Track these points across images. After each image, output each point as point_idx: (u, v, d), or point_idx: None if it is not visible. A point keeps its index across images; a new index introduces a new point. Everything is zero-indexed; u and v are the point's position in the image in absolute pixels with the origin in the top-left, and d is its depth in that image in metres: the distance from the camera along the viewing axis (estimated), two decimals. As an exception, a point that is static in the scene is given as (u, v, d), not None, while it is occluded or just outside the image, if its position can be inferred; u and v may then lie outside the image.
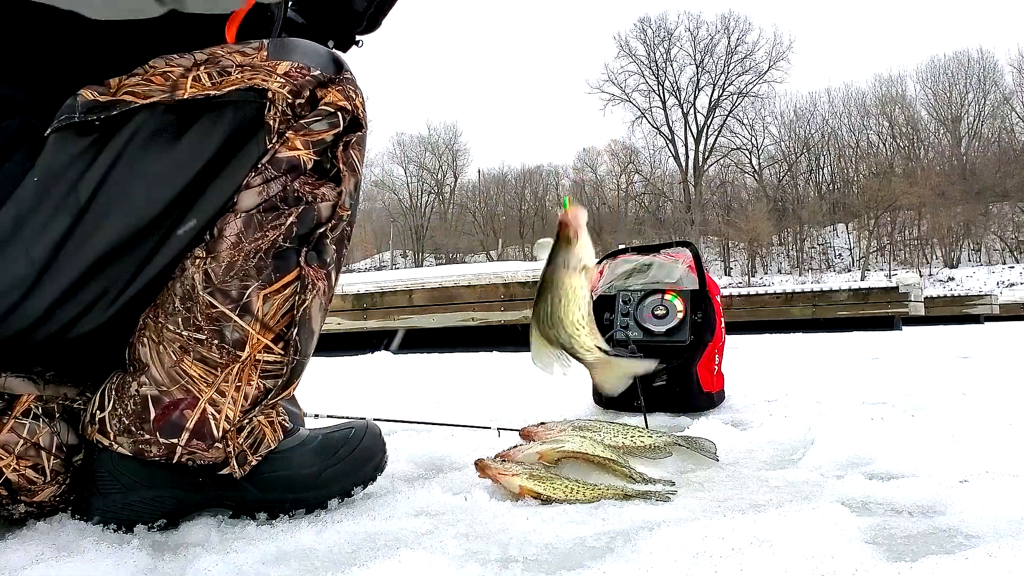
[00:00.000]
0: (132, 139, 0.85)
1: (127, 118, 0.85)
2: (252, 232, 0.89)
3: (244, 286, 0.89)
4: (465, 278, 6.50)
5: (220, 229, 0.89)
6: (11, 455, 0.88)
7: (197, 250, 0.89)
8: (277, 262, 0.90)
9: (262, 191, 0.89)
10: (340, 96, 0.94)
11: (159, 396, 0.90)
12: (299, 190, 0.91)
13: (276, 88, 0.90)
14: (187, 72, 0.88)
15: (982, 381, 2.26)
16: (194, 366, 0.90)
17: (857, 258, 45.21)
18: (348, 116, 0.94)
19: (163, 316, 0.90)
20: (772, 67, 48.57)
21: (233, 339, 0.90)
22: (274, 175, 0.90)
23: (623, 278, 1.88)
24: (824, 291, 10.81)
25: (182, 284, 0.89)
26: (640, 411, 1.57)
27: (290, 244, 0.91)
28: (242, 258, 0.89)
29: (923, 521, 0.85)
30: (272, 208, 0.89)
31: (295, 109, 0.91)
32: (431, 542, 0.83)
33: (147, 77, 0.87)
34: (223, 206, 0.89)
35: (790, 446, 1.31)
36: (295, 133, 0.91)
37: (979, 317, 14.36)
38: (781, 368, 3.10)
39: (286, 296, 0.91)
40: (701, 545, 0.74)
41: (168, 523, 0.94)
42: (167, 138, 0.86)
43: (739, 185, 50.61)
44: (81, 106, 0.84)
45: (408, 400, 2.34)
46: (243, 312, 0.89)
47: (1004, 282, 36.44)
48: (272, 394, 0.94)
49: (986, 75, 46.22)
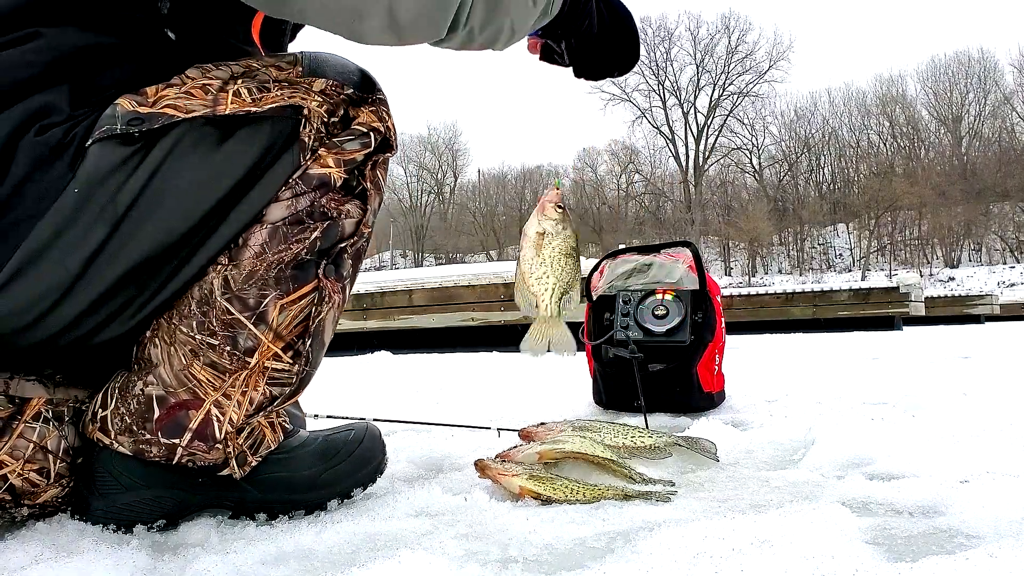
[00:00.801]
0: (172, 151, 0.85)
1: (167, 130, 0.85)
2: (276, 244, 0.89)
3: (262, 295, 0.89)
4: (465, 278, 6.51)
5: (245, 239, 0.89)
6: (19, 460, 0.88)
7: (222, 258, 0.90)
8: (296, 272, 0.90)
9: (291, 205, 0.90)
10: (373, 117, 0.95)
11: (165, 396, 0.90)
12: (326, 206, 0.91)
13: (313, 107, 0.90)
14: (225, 85, 0.88)
15: (983, 381, 2.26)
16: (203, 370, 0.90)
17: (858, 258, 45.22)
18: (379, 137, 0.95)
19: (177, 318, 0.90)
20: (772, 67, 48.65)
21: (245, 347, 0.90)
22: (304, 190, 0.90)
23: (623, 278, 1.88)
24: (824, 291, 10.82)
25: (200, 288, 0.89)
26: (640, 411, 1.57)
27: (311, 257, 0.91)
28: (263, 268, 0.89)
29: (923, 521, 0.84)
30: (298, 222, 0.90)
31: (329, 127, 0.92)
32: (431, 542, 0.83)
33: (187, 89, 0.87)
34: (253, 219, 0.89)
35: (790, 446, 1.31)
36: (327, 151, 0.92)
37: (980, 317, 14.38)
38: (781, 368, 3.10)
39: (302, 307, 0.92)
40: (701, 545, 0.74)
41: (168, 523, 0.94)
42: (205, 151, 0.86)
43: (739, 185, 50.63)
44: (121, 117, 0.84)
45: (408, 400, 2.34)
46: (258, 321, 0.90)
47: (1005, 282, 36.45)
48: (279, 401, 0.95)
49: (986, 75, 46.25)
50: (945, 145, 46.97)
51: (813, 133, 49.21)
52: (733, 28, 48.75)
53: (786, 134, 49.61)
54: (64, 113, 0.85)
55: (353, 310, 6.84)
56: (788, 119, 49.41)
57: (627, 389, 1.76)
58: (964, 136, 46.46)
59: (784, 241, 48.78)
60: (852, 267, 44.85)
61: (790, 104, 51.29)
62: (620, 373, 1.77)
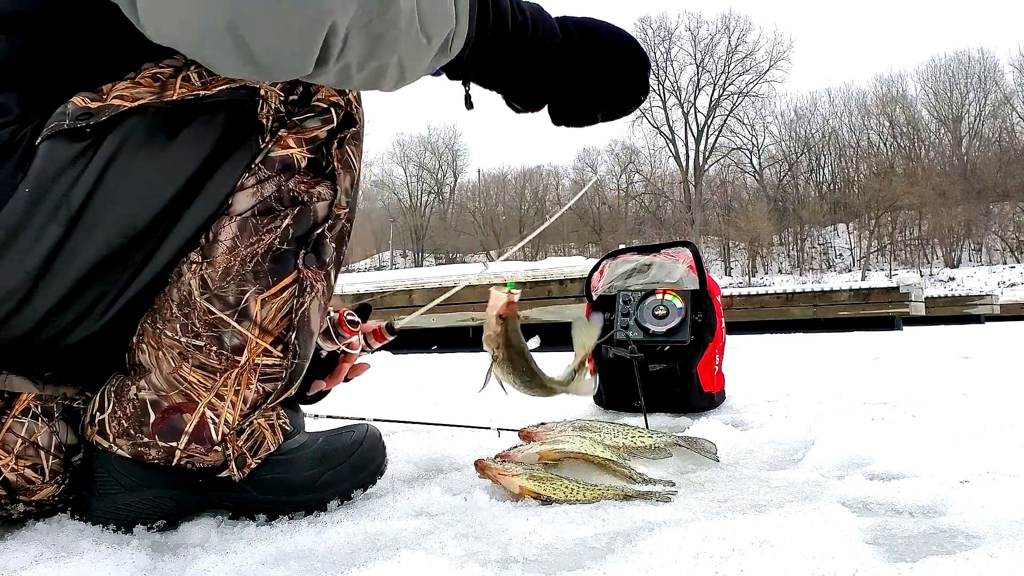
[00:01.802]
0: (123, 145, 0.82)
1: (117, 123, 0.82)
2: (248, 236, 0.88)
3: (241, 291, 0.88)
4: (465, 278, 6.50)
5: (215, 233, 0.88)
6: (10, 454, 0.88)
7: (193, 255, 0.88)
8: (274, 265, 0.89)
9: (256, 192, 0.88)
10: (333, 91, 0.92)
11: (158, 400, 0.90)
12: (294, 190, 0.90)
13: (268, 86, 0.88)
14: (176, 73, 0.86)
15: (983, 381, 2.26)
16: (193, 372, 0.89)
17: (858, 258, 45.21)
18: (342, 112, 0.93)
19: (161, 322, 0.89)
20: (772, 67, 48.65)
21: (232, 345, 0.89)
22: (268, 175, 0.88)
23: (623, 278, 1.88)
24: (825, 291, 10.82)
25: (179, 290, 0.88)
26: (640, 411, 1.57)
27: (287, 246, 0.90)
28: (239, 263, 0.88)
29: (924, 521, 0.84)
30: (267, 210, 0.88)
31: (288, 106, 0.90)
32: (431, 542, 0.83)
33: (136, 80, 0.85)
34: (217, 209, 0.88)
35: (791, 446, 1.31)
36: (288, 131, 0.90)
37: (980, 317, 14.37)
38: (782, 368, 3.10)
39: (284, 299, 0.90)
40: (701, 546, 0.74)
41: (168, 523, 0.94)
42: (159, 142, 0.83)
43: (739, 185, 50.63)
44: (71, 113, 0.82)
45: (408, 400, 2.34)
46: (241, 317, 0.89)
47: (1005, 282, 36.43)
48: (272, 397, 0.94)
49: (986, 75, 46.25)
50: (945, 145, 46.98)
51: (813, 133, 49.24)
52: (733, 28, 48.81)
53: (786, 134, 49.67)
54: (14, 114, 0.83)
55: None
56: (788, 119, 49.47)
57: (627, 389, 1.76)
58: (964, 136, 46.46)
59: (784, 241, 48.77)
60: (852, 267, 44.84)
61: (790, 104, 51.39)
62: (620, 373, 1.77)
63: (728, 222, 47.16)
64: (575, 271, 6.10)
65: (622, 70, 0.92)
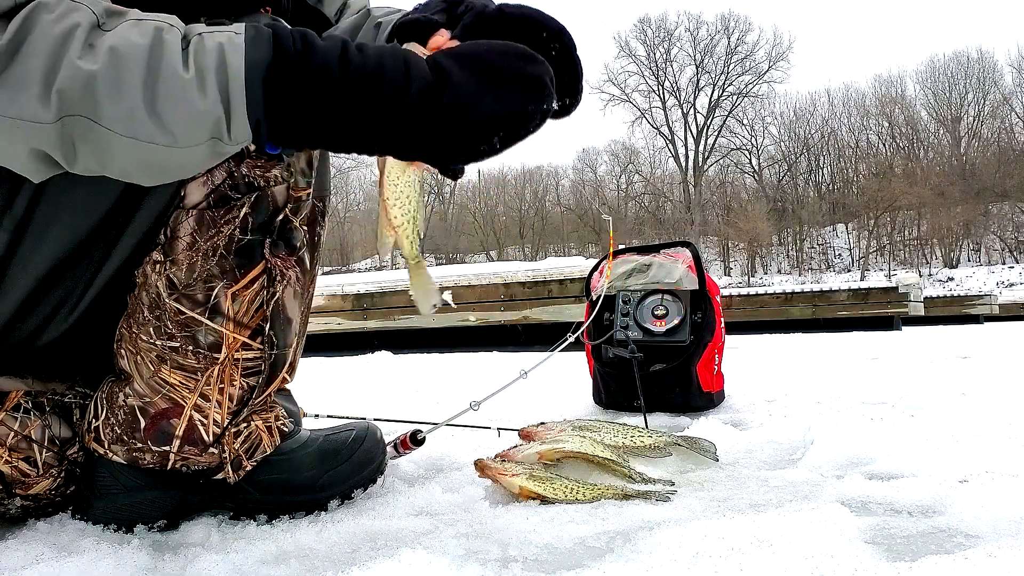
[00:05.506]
0: None
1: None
2: (206, 230, 0.86)
3: (209, 288, 0.87)
4: (465, 278, 6.50)
5: (174, 229, 0.86)
6: (3, 447, 0.88)
7: (155, 254, 0.87)
8: (239, 259, 0.87)
9: (207, 181, 0.85)
10: None
11: (144, 407, 0.89)
12: (248, 175, 0.86)
13: None
14: None
15: (982, 381, 2.26)
16: (173, 374, 0.89)
17: (857, 258, 45.21)
18: None
19: (136, 326, 0.89)
20: (772, 67, 48.64)
21: (208, 343, 0.88)
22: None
23: (623, 278, 1.88)
24: (824, 291, 10.81)
25: (147, 293, 0.87)
26: (640, 411, 1.58)
27: (251, 236, 0.87)
28: (201, 259, 0.86)
29: (923, 521, 0.85)
30: (222, 199, 0.86)
31: None
32: (431, 542, 0.83)
33: None
34: (169, 203, 0.86)
35: (790, 446, 1.31)
36: None
37: (979, 317, 14.36)
38: (781, 368, 3.09)
39: (255, 291, 0.89)
40: (701, 545, 0.74)
41: (168, 523, 0.94)
42: None
43: (739, 185, 50.61)
44: None
45: (408, 400, 2.34)
46: (213, 314, 0.87)
47: (1004, 282, 36.43)
48: (257, 390, 0.93)
49: (986, 75, 46.25)
50: (944, 145, 46.99)
51: (812, 133, 49.22)
52: (733, 28, 48.80)
53: (785, 134, 49.64)
54: None
55: (353, 310, 6.84)
56: (787, 119, 49.44)
57: (627, 389, 1.76)
58: (963, 136, 46.47)
59: (783, 241, 48.77)
60: (851, 267, 44.85)
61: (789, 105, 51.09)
62: (620, 373, 1.77)
63: (727, 222, 47.18)
64: (575, 271, 6.10)
65: (506, 85, 0.75)
